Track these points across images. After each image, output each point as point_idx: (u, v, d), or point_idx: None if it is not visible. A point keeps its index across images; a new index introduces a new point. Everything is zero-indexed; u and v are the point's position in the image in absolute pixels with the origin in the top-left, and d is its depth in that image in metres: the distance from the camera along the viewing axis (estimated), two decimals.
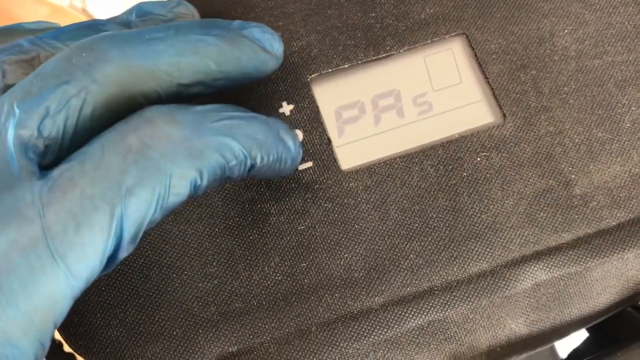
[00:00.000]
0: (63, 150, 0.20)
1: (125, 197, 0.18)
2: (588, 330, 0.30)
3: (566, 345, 0.32)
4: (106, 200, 0.18)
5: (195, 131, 0.20)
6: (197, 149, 0.19)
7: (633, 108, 0.27)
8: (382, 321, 0.25)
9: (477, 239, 0.25)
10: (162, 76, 0.20)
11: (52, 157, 0.19)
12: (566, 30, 0.28)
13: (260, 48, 0.23)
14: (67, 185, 0.18)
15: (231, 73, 0.22)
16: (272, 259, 0.25)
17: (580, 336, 0.30)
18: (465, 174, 0.26)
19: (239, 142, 0.20)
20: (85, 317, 0.24)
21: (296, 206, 0.26)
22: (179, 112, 0.20)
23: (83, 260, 0.18)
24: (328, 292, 0.25)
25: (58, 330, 0.25)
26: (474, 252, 0.25)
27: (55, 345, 0.30)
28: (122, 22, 0.24)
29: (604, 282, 0.26)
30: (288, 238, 0.25)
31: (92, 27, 0.23)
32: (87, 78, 0.19)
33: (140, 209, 0.18)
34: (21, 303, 0.17)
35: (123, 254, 0.19)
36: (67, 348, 0.30)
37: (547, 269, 0.25)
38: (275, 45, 0.23)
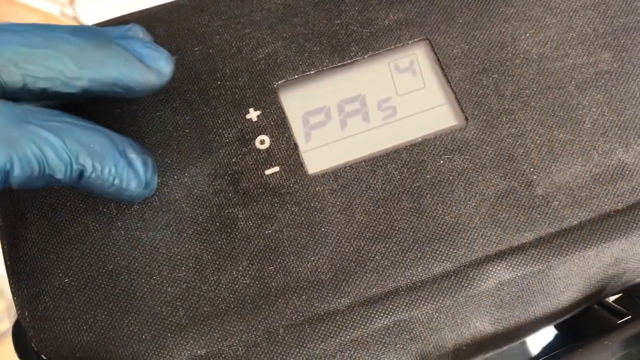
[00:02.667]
0: None
1: None
2: (556, 327, 0.30)
3: (538, 343, 0.32)
4: None
5: (15, 122, 0.20)
6: (11, 136, 0.20)
7: (593, 109, 0.28)
8: (348, 322, 0.25)
9: (441, 239, 0.26)
10: (4, 63, 0.21)
11: None
12: (528, 34, 0.29)
13: (134, 58, 0.23)
14: None
15: (93, 75, 0.22)
16: (240, 263, 0.26)
17: (551, 334, 0.31)
18: (428, 176, 0.27)
19: (64, 141, 0.21)
20: (56, 323, 0.25)
21: (263, 210, 0.26)
22: (3, 103, 0.20)
23: None
24: (295, 294, 0.25)
25: (29, 337, 0.25)
26: (438, 252, 0.26)
27: (35, 353, 0.30)
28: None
29: (567, 280, 0.26)
30: (256, 242, 0.26)
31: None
32: None
33: None
34: None
35: None
36: None
37: (510, 268, 0.26)
38: (159, 63, 0.24)
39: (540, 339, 0.31)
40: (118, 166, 0.23)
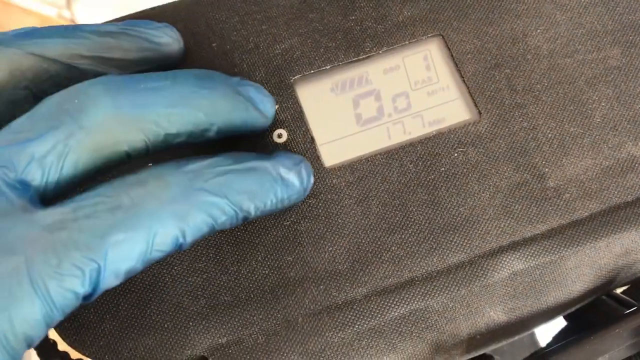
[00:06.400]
0: (49, 191, 0.21)
1: (108, 248, 0.19)
2: (566, 318, 0.31)
3: (547, 335, 0.33)
4: (90, 248, 0.19)
5: (184, 193, 0.21)
6: (183, 211, 0.21)
7: (603, 104, 0.28)
8: (365, 311, 0.26)
9: (456, 230, 0.27)
10: (150, 127, 0.22)
11: (42, 192, 0.21)
12: (538, 30, 0.29)
13: (252, 107, 0.24)
14: (57, 226, 0.19)
15: (221, 125, 0.23)
16: (259, 253, 0.26)
17: (559, 325, 0.31)
18: (443, 169, 0.27)
19: (229, 199, 0.22)
20: (79, 312, 0.25)
21: None
22: (171, 173, 0.21)
23: (59, 293, 0.19)
24: (313, 284, 0.26)
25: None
26: (453, 243, 0.26)
27: (50, 344, 0.30)
28: (105, 31, 0.25)
29: (578, 270, 0.27)
30: (274, 233, 0.26)
31: (72, 30, 0.24)
32: (75, 124, 0.21)
33: (121, 259, 0.20)
34: None
35: (97, 294, 0.20)
36: (61, 347, 0.30)
37: (523, 259, 0.26)
38: (267, 107, 0.25)
39: (549, 330, 0.32)
40: (277, 194, 0.23)
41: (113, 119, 0.21)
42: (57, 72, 0.24)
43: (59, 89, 0.23)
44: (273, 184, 0.23)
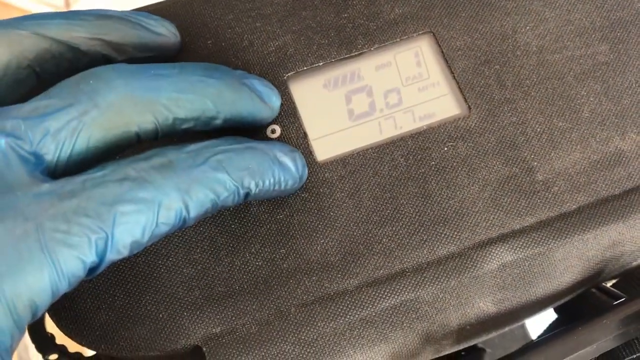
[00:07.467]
0: (61, 165, 0.22)
1: (115, 216, 0.20)
2: (556, 311, 0.31)
3: (539, 327, 0.33)
4: (98, 215, 0.20)
5: (186, 169, 0.22)
6: (185, 185, 0.22)
7: (591, 99, 0.29)
8: (357, 302, 0.26)
9: (446, 223, 0.27)
10: (160, 109, 0.23)
11: (53, 167, 0.22)
12: (528, 27, 0.30)
13: (257, 97, 0.25)
14: (66, 195, 0.20)
15: (227, 115, 0.24)
16: (252, 245, 0.27)
17: (551, 318, 0.32)
18: (433, 163, 0.28)
19: (229, 174, 0.23)
20: (76, 302, 0.26)
21: None
22: (173, 152, 0.22)
23: (67, 260, 0.19)
24: (306, 275, 0.26)
25: (50, 316, 0.26)
26: (443, 235, 0.27)
27: (48, 338, 0.31)
28: (104, 15, 0.26)
29: (566, 262, 0.27)
30: (268, 226, 0.27)
31: (73, 13, 0.26)
32: (90, 103, 0.22)
33: (128, 230, 0.21)
34: (5, 286, 0.19)
35: (103, 266, 0.21)
36: (59, 340, 0.31)
37: (512, 251, 0.27)
38: (272, 98, 0.26)
39: (540, 323, 0.32)
40: (275, 174, 0.24)
41: (126, 99, 0.22)
42: (59, 52, 0.25)
43: (62, 69, 0.25)
44: (270, 164, 0.24)
